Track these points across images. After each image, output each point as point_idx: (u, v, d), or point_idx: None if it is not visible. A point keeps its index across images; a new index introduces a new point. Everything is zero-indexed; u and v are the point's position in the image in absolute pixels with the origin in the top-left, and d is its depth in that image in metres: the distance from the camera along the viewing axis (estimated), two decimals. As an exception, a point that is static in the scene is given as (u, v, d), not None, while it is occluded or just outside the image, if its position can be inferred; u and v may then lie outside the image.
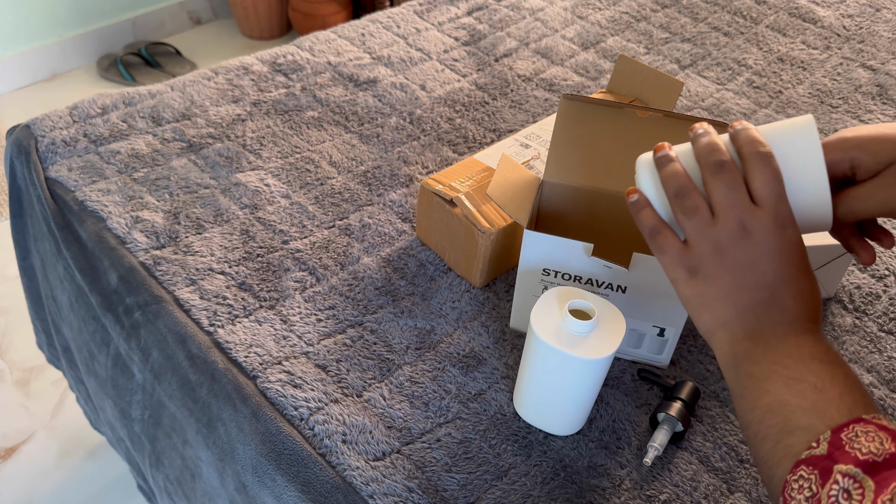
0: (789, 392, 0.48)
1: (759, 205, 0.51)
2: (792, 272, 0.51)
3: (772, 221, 0.50)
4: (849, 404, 0.47)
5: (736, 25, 1.38)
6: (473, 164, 0.90)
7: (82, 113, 1.06)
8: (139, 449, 0.94)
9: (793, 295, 0.51)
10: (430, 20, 1.33)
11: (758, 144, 0.51)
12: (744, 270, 0.51)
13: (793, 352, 0.50)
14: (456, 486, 0.68)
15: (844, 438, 0.44)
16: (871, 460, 0.42)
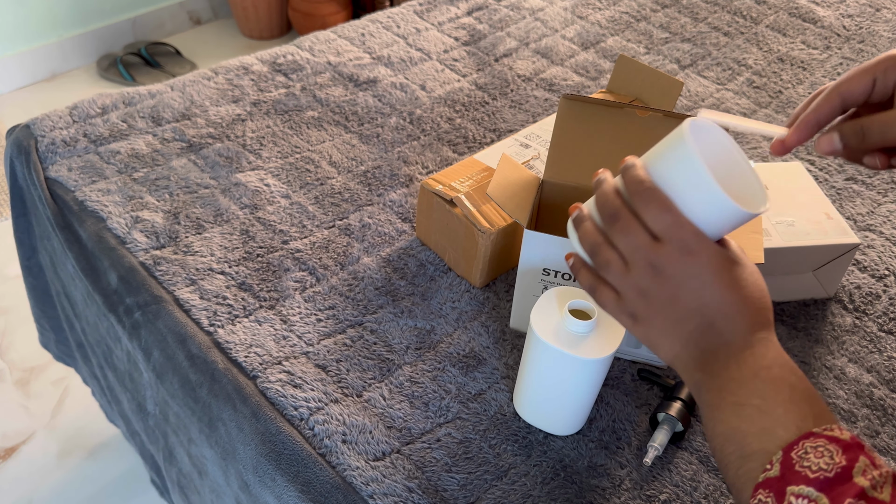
0: (738, 418, 0.48)
1: (660, 240, 0.50)
2: (715, 292, 0.50)
3: (676, 252, 0.50)
4: (796, 420, 0.46)
5: (736, 25, 1.38)
6: (473, 164, 0.90)
7: (82, 113, 1.06)
8: (154, 442, 0.94)
9: (723, 314, 0.51)
10: (430, 20, 1.33)
11: (638, 183, 0.51)
12: (670, 306, 0.51)
13: (735, 374, 0.50)
14: (456, 486, 0.68)
15: (794, 457, 0.44)
16: (822, 477, 0.42)
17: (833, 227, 0.84)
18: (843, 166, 1.07)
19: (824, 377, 0.80)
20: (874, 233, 0.97)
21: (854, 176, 1.06)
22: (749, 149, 1.10)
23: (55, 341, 1.22)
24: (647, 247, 0.50)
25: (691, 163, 0.48)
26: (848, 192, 1.03)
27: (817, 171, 1.06)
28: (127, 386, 0.95)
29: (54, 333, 1.20)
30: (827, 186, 1.04)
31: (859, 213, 0.99)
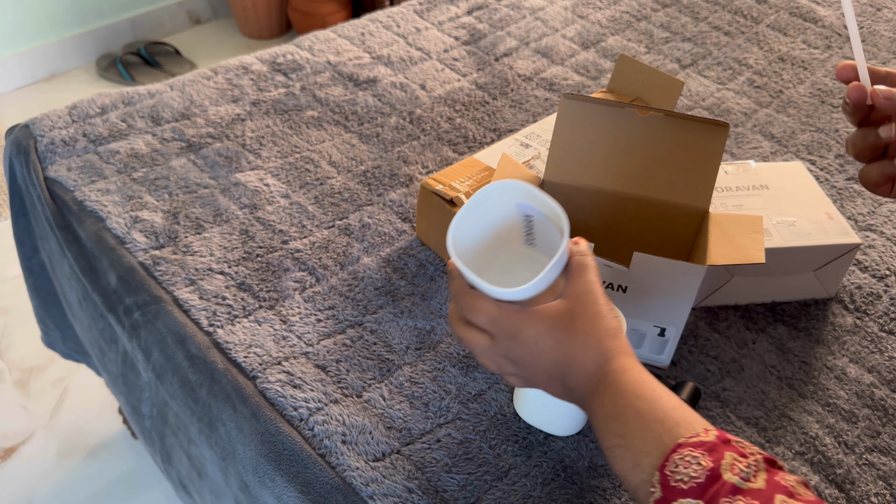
0: (613, 460, 0.51)
1: (490, 334, 0.57)
2: (549, 359, 0.55)
3: (505, 341, 0.56)
4: (654, 441, 0.48)
5: (736, 25, 1.38)
6: (473, 164, 0.89)
7: (81, 113, 1.06)
8: (150, 444, 0.94)
9: (562, 373, 0.55)
10: (430, 19, 1.33)
11: (454, 293, 0.59)
12: (512, 374, 0.58)
13: (594, 422, 0.53)
14: (456, 487, 0.68)
15: (668, 473, 0.45)
16: (694, 485, 0.44)
17: (834, 227, 0.84)
18: (845, 166, 1.07)
19: (825, 377, 0.80)
20: (875, 233, 0.97)
21: (855, 176, 1.05)
22: (750, 148, 1.10)
23: (62, 339, 1.21)
24: (488, 347, 0.57)
25: (465, 273, 0.56)
26: (849, 191, 1.03)
27: (818, 171, 1.06)
28: (121, 389, 0.95)
29: (60, 332, 1.20)
30: (828, 186, 1.04)
31: (860, 213, 0.99)
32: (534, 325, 0.55)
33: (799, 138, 1.12)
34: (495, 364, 0.58)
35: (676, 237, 0.79)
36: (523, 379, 0.58)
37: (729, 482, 0.43)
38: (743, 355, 0.81)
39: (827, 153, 1.09)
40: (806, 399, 0.78)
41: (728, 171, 0.91)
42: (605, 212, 0.80)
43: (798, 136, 1.12)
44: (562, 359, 0.55)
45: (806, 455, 0.73)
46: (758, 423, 0.75)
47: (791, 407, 0.77)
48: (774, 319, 0.85)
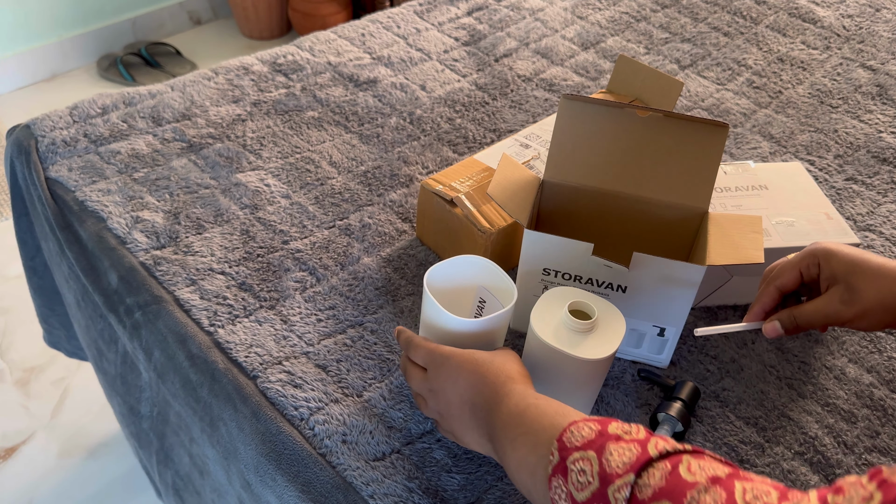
0: (514, 450, 0.57)
1: (426, 369, 0.67)
2: (461, 387, 0.63)
3: (434, 371, 0.65)
4: (552, 425, 0.55)
5: (736, 25, 1.38)
6: (473, 164, 0.90)
7: (82, 113, 1.06)
8: (146, 446, 0.94)
9: (472, 398, 0.63)
10: (430, 20, 1.33)
11: (403, 341, 0.69)
12: (449, 408, 0.65)
13: (497, 429, 0.60)
14: (456, 487, 0.68)
15: (565, 440, 0.52)
16: (587, 441, 0.51)
17: (833, 228, 0.84)
18: (843, 166, 1.07)
19: (824, 377, 0.80)
20: (874, 233, 0.97)
21: (854, 176, 1.06)
22: (749, 148, 1.10)
23: (66, 338, 1.22)
24: (421, 379, 0.66)
25: (430, 303, 0.68)
26: (848, 192, 1.03)
27: (817, 172, 1.06)
28: (118, 390, 0.95)
29: (65, 330, 1.20)
30: (827, 186, 1.04)
31: (859, 214, 0.99)
32: (459, 358, 0.64)
33: (798, 139, 1.12)
34: (422, 394, 0.67)
35: (676, 237, 0.79)
36: (439, 410, 0.66)
37: (613, 433, 0.51)
38: (742, 355, 0.81)
39: (826, 153, 1.09)
40: (805, 399, 0.78)
41: (727, 171, 0.91)
42: (604, 212, 0.80)
43: (797, 137, 1.12)
44: (474, 383, 0.62)
45: (805, 455, 0.73)
46: (757, 422, 0.75)
47: (790, 407, 0.77)
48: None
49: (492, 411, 0.61)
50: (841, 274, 0.67)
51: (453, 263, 0.72)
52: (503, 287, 0.71)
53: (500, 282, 0.72)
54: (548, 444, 0.54)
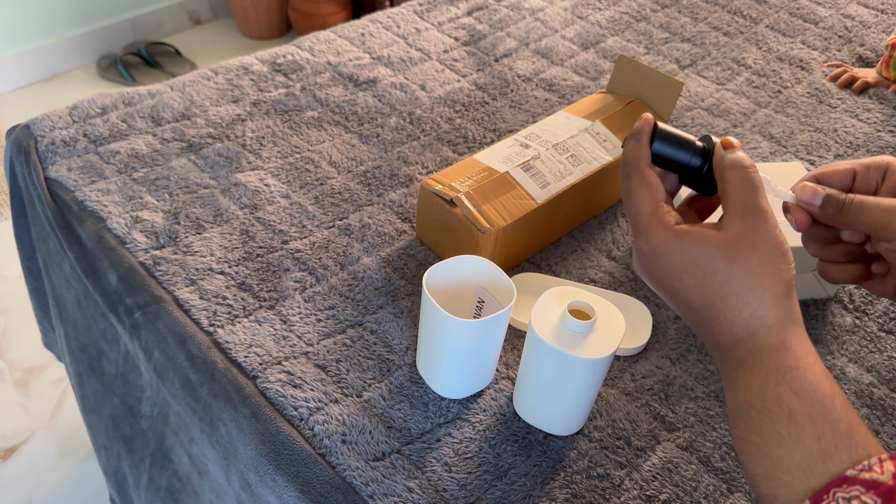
0: (741, 452, 0.43)
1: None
2: (668, 281, 0.47)
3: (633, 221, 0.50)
4: (805, 461, 0.39)
5: (736, 25, 1.38)
6: (473, 164, 0.90)
7: (82, 113, 1.06)
8: (140, 449, 0.94)
9: (689, 311, 0.47)
10: (430, 20, 1.33)
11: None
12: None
13: (729, 398, 0.44)
14: (456, 486, 0.68)
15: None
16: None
17: (833, 227, 0.84)
18: (843, 166, 1.07)
19: (824, 377, 0.80)
20: (874, 233, 0.97)
21: (854, 176, 1.06)
22: (749, 148, 1.10)
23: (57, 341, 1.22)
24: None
25: (429, 303, 0.67)
26: (848, 192, 1.03)
27: (817, 171, 1.06)
28: (116, 390, 0.95)
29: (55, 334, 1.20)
30: (827, 186, 1.04)
31: (859, 213, 0.99)
32: (675, 253, 0.46)
33: (798, 138, 1.12)
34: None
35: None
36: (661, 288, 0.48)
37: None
38: (742, 355, 0.81)
39: (826, 153, 1.09)
40: (805, 399, 0.78)
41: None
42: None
43: (797, 136, 1.12)
44: (705, 307, 0.45)
45: (805, 455, 0.73)
46: (757, 422, 0.75)
47: (790, 407, 0.77)
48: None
49: (725, 367, 0.45)
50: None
51: (453, 264, 0.72)
52: (502, 287, 0.71)
53: (499, 282, 0.72)
54: (793, 492, 0.39)
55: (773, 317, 0.43)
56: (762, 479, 0.40)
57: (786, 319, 0.43)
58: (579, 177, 0.89)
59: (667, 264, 0.46)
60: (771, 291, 0.43)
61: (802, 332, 0.44)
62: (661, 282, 0.47)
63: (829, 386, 0.41)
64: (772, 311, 0.43)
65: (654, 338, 0.82)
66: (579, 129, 0.94)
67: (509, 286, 0.70)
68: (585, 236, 0.94)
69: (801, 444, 0.39)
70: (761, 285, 0.44)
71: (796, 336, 0.43)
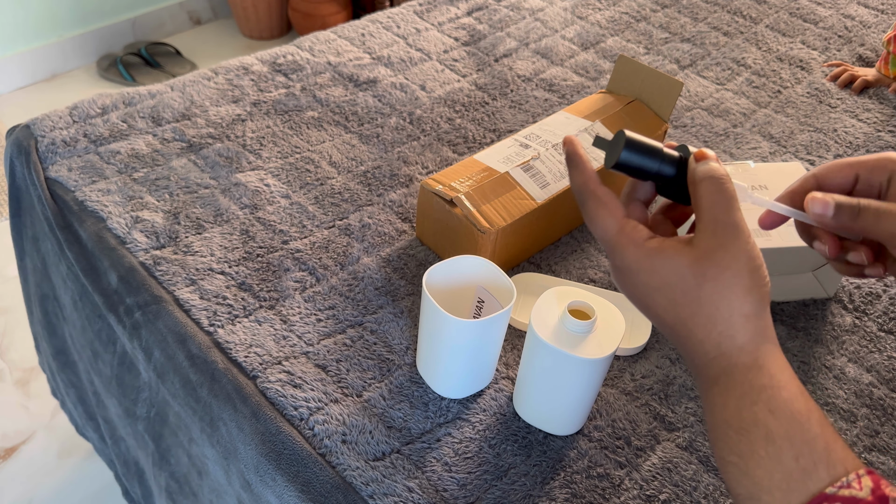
0: (723, 471, 0.43)
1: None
2: (642, 297, 0.46)
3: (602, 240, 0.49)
4: (784, 480, 0.39)
5: (736, 25, 1.38)
6: (473, 164, 0.90)
7: (82, 113, 1.06)
8: (143, 447, 0.94)
9: (663, 326, 0.46)
10: (430, 20, 1.33)
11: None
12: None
13: (707, 416, 0.44)
14: (456, 486, 0.68)
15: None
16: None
17: (833, 227, 0.84)
18: (843, 166, 1.07)
19: (824, 377, 0.80)
20: (874, 233, 0.97)
21: (854, 176, 1.06)
22: (749, 148, 1.10)
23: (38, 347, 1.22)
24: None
25: (429, 303, 0.67)
26: (848, 192, 1.03)
27: (817, 171, 1.06)
28: (112, 391, 0.95)
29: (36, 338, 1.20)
30: (827, 186, 1.04)
31: (859, 213, 0.99)
32: (647, 271, 0.45)
33: (798, 138, 1.12)
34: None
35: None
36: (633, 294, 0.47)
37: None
38: (742, 355, 0.81)
39: (826, 153, 1.09)
40: (805, 399, 0.78)
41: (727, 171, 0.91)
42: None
43: (797, 136, 1.12)
44: (677, 326, 0.44)
45: (805, 454, 0.73)
46: (757, 422, 0.75)
47: (790, 406, 0.77)
48: (773, 319, 0.85)
49: (701, 386, 0.45)
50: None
51: (453, 264, 0.73)
52: (502, 287, 0.71)
53: (499, 282, 0.72)
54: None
55: (743, 336, 0.43)
56: (744, 499, 0.41)
57: (757, 337, 0.43)
58: (579, 177, 0.89)
59: (641, 282, 0.46)
60: (740, 311, 0.43)
61: (776, 349, 0.43)
62: (637, 298, 0.47)
63: (804, 403, 0.41)
64: (741, 331, 0.43)
65: (654, 338, 0.82)
66: (579, 130, 0.94)
67: (509, 286, 0.70)
68: (585, 236, 0.94)
69: (780, 464, 0.39)
70: (730, 305, 0.43)
71: (769, 354, 0.43)
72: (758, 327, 0.43)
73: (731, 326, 0.43)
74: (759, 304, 0.43)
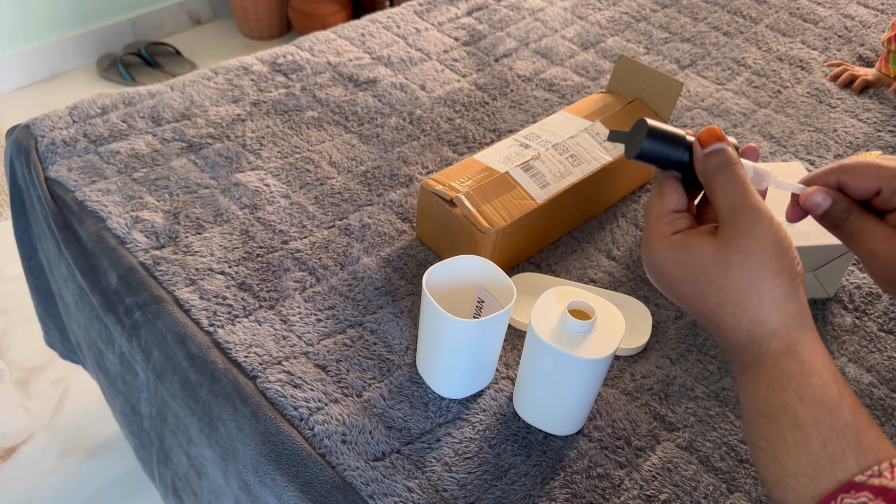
0: (753, 456, 0.43)
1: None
2: (671, 290, 0.46)
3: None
4: (811, 467, 0.38)
5: (736, 25, 1.38)
6: (473, 164, 0.90)
7: (82, 113, 1.06)
8: (147, 446, 0.94)
9: (695, 315, 0.46)
10: (429, 20, 1.33)
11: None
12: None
13: (741, 399, 0.44)
14: (456, 486, 0.68)
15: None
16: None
17: (833, 227, 0.84)
18: (843, 166, 1.07)
19: (824, 377, 0.80)
20: (874, 233, 0.97)
21: (854, 176, 1.06)
22: (749, 149, 1.10)
23: (60, 339, 1.22)
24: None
25: (429, 303, 0.67)
26: (848, 192, 1.03)
27: (817, 171, 1.06)
28: (119, 389, 0.95)
29: (59, 332, 1.20)
30: (827, 186, 1.04)
31: (859, 213, 0.99)
32: (672, 263, 0.45)
33: (798, 138, 1.12)
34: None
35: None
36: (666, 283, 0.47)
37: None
38: (742, 355, 0.81)
39: (826, 153, 1.09)
40: (805, 399, 0.78)
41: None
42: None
43: (797, 136, 1.12)
44: (708, 315, 0.44)
45: (805, 454, 0.73)
46: (757, 422, 0.75)
47: (790, 406, 0.77)
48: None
49: (734, 371, 0.45)
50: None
51: (453, 264, 0.73)
52: (502, 287, 0.71)
53: (499, 282, 0.72)
54: (801, 497, 0.39)
55: (774, 321, 0.42)
56: (772, 484, 0.41)
57: (790, 322, 0.42)
58: (579, 177, 0.89)
59: (667, 273, 0.46)
60: (769, 295, 0.42)
61: (810, 333, 0.42)
62: (668, 290, 0.47)
63: (837, 390, 0.40)
64: (773, 316, 0.42)
65: (654, 338, 0.82)
66: (579, 129, 0.94)
67: (509, 286, 0.70)
68: (585, 236, 0.94)
69: (808, 451, 0.39)
70: (758, 291, 0.43)
71: (802, 339, 0.42)
72: (790, 311, 0.42)
73: (761, 311, 0.42)
74: (790, 287, 0.43)
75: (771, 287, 0.42)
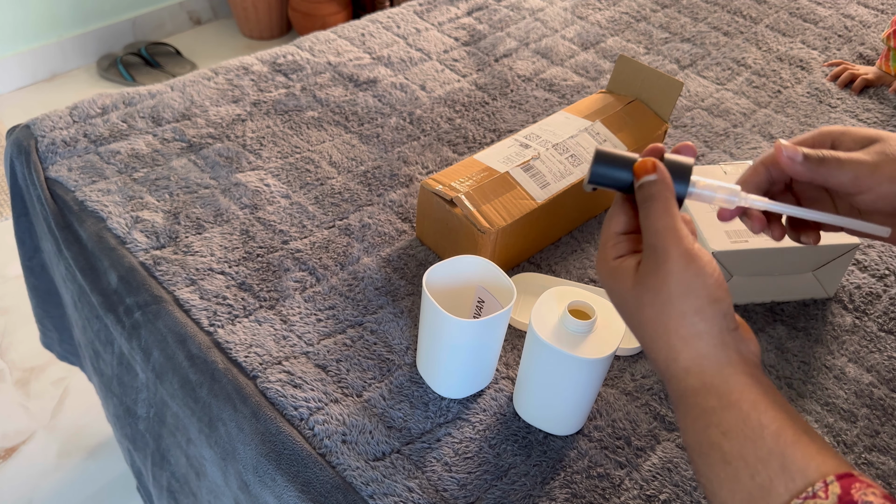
0: (698, 480, 0.43)
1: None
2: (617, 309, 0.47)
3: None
4: (745, 500, 0.39)
5: (736, 25, 1.38)
6: (473, 164, 0.90)
7: (82, 113, 1.06)
8: (142, 448, 0.94)
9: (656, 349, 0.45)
10: (430, 20, 1.33)
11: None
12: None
13: (682, 439, 0.44)
14: (456, 486, 0.68)
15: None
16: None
17: (833, 227, 0.84)
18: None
19: (824, 377, 0.80)
20: (874, 233, 0.97)
21: (854, 176, 1.06)
22: (749, 148, 1.10)
23: (59, 341, 1.22)
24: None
25: (429, 303, 0.67)
26: (848, 192, 1.03)
27: (817, 171, 1.06)
28: (114, 391, 0.95)
29: (58, 333, 1.20)
30: (827, 186, 1.04)
31: (859, 213, 0.99)
32: (608, 289, 0.46)
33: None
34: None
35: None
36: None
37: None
38: (742, 355, 0.81)
39: (826, 153, 1.09)
40: (805, 399, 0.78)
41: (727, 171, 0.91)
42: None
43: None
44: (642, 345, 0.45)
45: (805, 454, 0.73)
46: (757, 422, 0.75)
47: (790, 406, 0.77)
48: (773, 319, 0.85)
49: (671, 402, 0.46)
50: (864, 143, 0.51)
51: (453, 263, 0.73)
52: (502, 287, 0.71)
53: (499, 282, 0.72)
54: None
55: (685, 358, 0.43)
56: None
57: (700, 359, 0.42)
58: (579, 177, 0.89)
59: (609, 296, 0.47)
60: (676, 334, 0.42)
61: (727, 366, 0.42)
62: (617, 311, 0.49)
63: (757, 418, 0.40)
64: (682, 354, 0.43)
65: (654, 338, 0.82)
66: (579, 129, 0.94)
67: (509, 286, 0.70)
68: (585, 236, 0.94)
69: (739, 484, 0.39)
70: (666, 330, 0.43)
71: (718, 372, 0.42)
72: (699, 349, 0.42)
73: (672, 349, 0.43)
74: (706, 324, 0.42)
75: (678, 326, 0.42)
